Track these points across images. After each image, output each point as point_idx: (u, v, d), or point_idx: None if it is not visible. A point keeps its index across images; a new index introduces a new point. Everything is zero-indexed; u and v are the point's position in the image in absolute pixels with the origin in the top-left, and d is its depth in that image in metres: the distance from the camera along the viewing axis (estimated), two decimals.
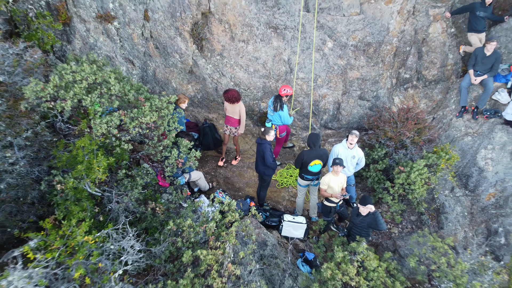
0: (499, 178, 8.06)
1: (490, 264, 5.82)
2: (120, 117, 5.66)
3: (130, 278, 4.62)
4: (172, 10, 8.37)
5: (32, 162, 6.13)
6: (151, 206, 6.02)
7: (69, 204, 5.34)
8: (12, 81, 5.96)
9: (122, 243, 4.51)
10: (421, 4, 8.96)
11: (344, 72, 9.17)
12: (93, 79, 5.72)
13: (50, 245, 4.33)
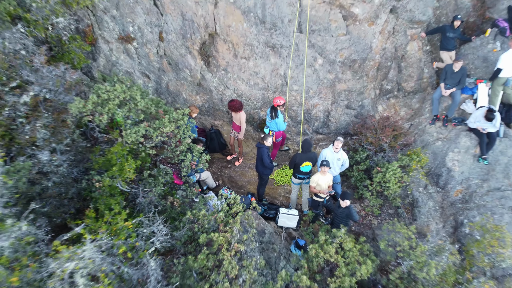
0: (464, 177, 9.26)
1: (446, 247, 7.03)
2: (145, 128, 6.88)
3: (159, 255, 5.84)
4: (183, 32, 9.58)
5: (71, 164, 7.33)
6: (170, 200, 7.24)
7: (105, 199, 6.56)
8: (56, 98, 7.17)
9: (152, 228, 5.73)
10: (400, 26, 10.16)
11: (333, 85, 10.37)
12: (123, 96, 6.94)
13: (97, 229, 5.55)
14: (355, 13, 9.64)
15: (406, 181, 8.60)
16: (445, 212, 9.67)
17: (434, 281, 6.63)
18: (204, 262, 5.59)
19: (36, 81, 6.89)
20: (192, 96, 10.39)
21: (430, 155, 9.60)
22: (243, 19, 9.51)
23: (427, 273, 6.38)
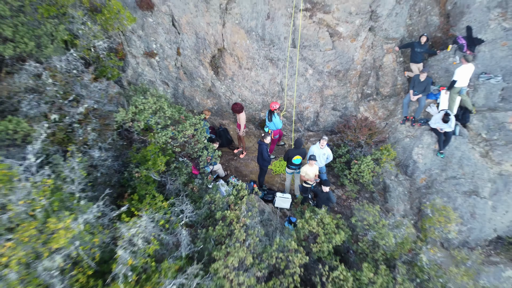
0: (427, 167, 11.15)
1: (404, 222, 8.99)
2: (172, 131, 8.77)
3: (186, 227, 7.78)
4: (196, 48, 11.37)
5: (113, 159, 9.22)
6: (190, 187, 9.18)
7: (142, 186, 8.47)
8: (102, 107, 9.04)
9: (181, 207, 7.67)
10: (377, 41, 11.94)
11: (321, 91, 12.20)
12: (155, 107, 8.81)
13: (142, 208, 7.49)
14: (339, 31, 11.41)
15: (377, 171, 10.50)
16: (412, 196, 11.59)
17: (393, 247, 8.60)
18: (220, 231, 7.54)
19: (86, 95, 8.75)
20: (203, 100, 12.23)
21: (400, 149, 11.48)
22: (246, 37, 11.29)
23: (387, 241, 8.36)
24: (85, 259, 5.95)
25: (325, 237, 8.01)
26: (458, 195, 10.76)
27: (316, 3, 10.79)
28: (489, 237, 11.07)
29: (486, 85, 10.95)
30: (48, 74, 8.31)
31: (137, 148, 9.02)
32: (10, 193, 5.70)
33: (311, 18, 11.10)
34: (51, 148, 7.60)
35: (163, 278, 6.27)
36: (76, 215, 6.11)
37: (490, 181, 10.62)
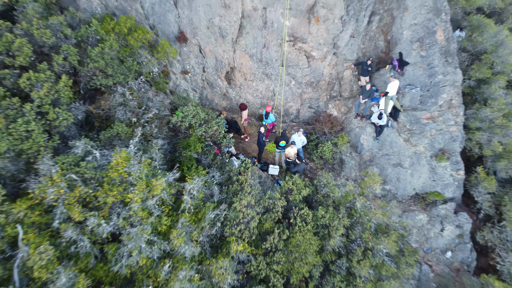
0: (369, 148, 16.16)
1: (347, 183, 14.18)
2: (205, 128, 13.81)
3: (216, 185, 12.97)
4: (216, 67, 16.19)
5: (167, 145, 14.30)
6: (216, 161, 14.33)
7: (187, 161, 13.61)
8: (161, 113, 14.03)
9: (212, 173, 12.82)
10: (339, 61, 16.70)
11: (301, 95, 17.09)
12: (193, 112, 13.80)
13: (191, 174, 12.64)
14: (313, 55, 16.17)
15: (335, 151, 15.67)
16: (361, 166, 16.71)
17: (339, 198, 13.83)
18: (235, 187, 12.71)
19: (152, 105, 13.73)
20: (220, 101, 17.19)
21: (353, 135, 16.50)
22: (249, 60, 16.09)
23: (334, 194, 13.58)
24: (167, 200, 11.16)
25: (297, 191, 13.20)
26: (389, 166, 15.90)
27: (297, 37, 15.51)
28: (410, 194, 16.28)
29: (410, 93, 15.79)
30: (129, 93, 13.28)
31: (183, 138, 14.12)
32: (130, 166, 10.82)
33: (293, 47, 15.85)
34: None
35: (207, 211, 11.51)
36: (161, 178, 11.28)
37: (409, 157, 15.72)
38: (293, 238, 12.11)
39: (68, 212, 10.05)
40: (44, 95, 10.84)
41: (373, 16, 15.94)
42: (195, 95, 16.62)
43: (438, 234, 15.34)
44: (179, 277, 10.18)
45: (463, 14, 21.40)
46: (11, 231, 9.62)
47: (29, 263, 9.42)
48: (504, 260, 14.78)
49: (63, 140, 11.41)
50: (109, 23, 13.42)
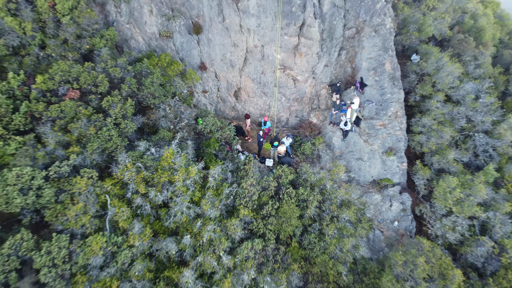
0: (339, 146, 21.40)
1: (320, 171, 19.48)
2: (221, 133, 19.14)
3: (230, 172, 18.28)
4: (227, 87, 21.47)
5: (194, 144, 19.57)
6: (228, 156, 19.67)
7: (208, 156, 18.93)
8: (189, 121, 19.35)
9: (226, 164, 18.13)
10: (317, 83, 21.96)
11: (289, 108, 22.38)
12: (213, 122, 19.10)
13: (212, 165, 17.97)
14: (298, 79, 21.46)
15: (314, 148, 21.01)
16: (333, 160, 21.98)
17: (314, 181, 19.14)
18: (242, 173, 17.96)
19: (184, 116, 19.01)
20: (230, 112, 22.48)
21: (327, 138, 21.76)
22: (251, 82, 21.39)
23: (311, 179, 18.91)
24: (198, 181, 16.49)
25: (285, 176, 18.50)
26: (353, 160, 21.19)
27: (286, 66, 20.81)
28: (368, 180, 21.52)
29: (368, 107, 21.03)
30: (168, 109, 18.60)
31: (206, 139, 19.45)
32: (174, 158, 16.13)
33: (283, 73, 21.15)
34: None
35: (224, 188, 16.80)
36: (194, 166, 16.61)
37: (367, 153, 20.96)
38: (281, 207, 17.39)
39: (136, 187, 15.43)
40: (118, 112, 16.20)
41: (342, 50, 21.24)
42: (212, 107, 21.94)
43: (388, 209, 20.65)
44: (207, 229, 15.52)
45: (418, 42, 26.66)
46: (103, 198, 15.00)
47: (115, 218, 14.79)
48: (433, 226, 20.13)
49: (129, 141, 16.80)
50: (154, 60, 18.79)
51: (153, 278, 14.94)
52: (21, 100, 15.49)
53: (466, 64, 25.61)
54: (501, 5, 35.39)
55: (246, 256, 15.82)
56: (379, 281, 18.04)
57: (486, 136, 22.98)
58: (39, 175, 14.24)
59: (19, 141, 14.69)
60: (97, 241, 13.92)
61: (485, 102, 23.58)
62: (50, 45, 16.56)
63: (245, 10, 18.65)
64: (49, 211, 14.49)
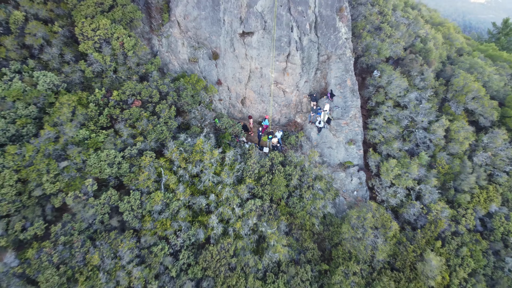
0: (315, 139, 28.74)
1: (302, 156, 27.18)
2: (232, 129, 26.86)
3: (239, 155, 26.03)
4: (236, 97, 28.92)
5: (214, 136, 27.24)
6: (237, 145, 27.41)
7: (225, 145, 26.62)
8: (211, 121, 27.05)
9: (236, 150, 25.81)
10: (300, 94, 29.55)
11: (281, 111, 29.95)
12: (227, 122, 26.81)
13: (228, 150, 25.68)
14: (286, 91, 29.07)
15: (297, 140, 28.66)
16: (311, 148, 29.73)
17: (296, 162, 26.82)
18: (247, 156, 25.42)
19: (207, 117, 26.62)
20: (238, 114, 30.10)
21: (307, 132, 29.35)
22: (253, 93, 29.01)
23: (294, 160, 26.60)
24: (219, 160, 24.20)
25: (276, 158, 26.19)
26: (325, 148, 28.87)
27: (278, 82, 28.46)
28: (336, 162, 29.14)
29: (336, 110, 28.55)
30: (197, 112, 26.27)
31: (222, 133, 27.12)
32: (203, 145, 23.88)
33: (276, 86, 28.82)
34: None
35: (236, 165, 24.41)
36: (216, 150, 24.35)
37: (335, 143, 28.55)
38: (274, 179, 25.00)
39: (179, 164, 23.19)
40: (166, 115, 23.93)
41: (317, 71, 28.89)
42: (225, 111, 29.62)
43: (349, 182, 28.28)
44: (225, 191, 23.22)
45: (379, 61, 34.19)
46: (159, 170, 22.74)
47: (167, 182, 22.54)
48: (380, 193, 27.88)
49: (173, 134, 24.55)
50: (187, 78, 26.51)
51: (191, 221, 22.69)
52: (103, 107, 23.15)
53: (414, 78, 33.21)
54: (452, 29, 43.01)
55: (250, 209, 23.49)
56: (340, 229, 25.72)
57: (424, 131, 30.66)
58: (119, 155, 21.90)
59: (105, 134, 22.37)
60: (157, 196, 21.62)
61: (424, 106, 31.20)
62: (120, 70, 24.24)
63: (249, 44, 26.33)
64: (126, 177, 22.18)
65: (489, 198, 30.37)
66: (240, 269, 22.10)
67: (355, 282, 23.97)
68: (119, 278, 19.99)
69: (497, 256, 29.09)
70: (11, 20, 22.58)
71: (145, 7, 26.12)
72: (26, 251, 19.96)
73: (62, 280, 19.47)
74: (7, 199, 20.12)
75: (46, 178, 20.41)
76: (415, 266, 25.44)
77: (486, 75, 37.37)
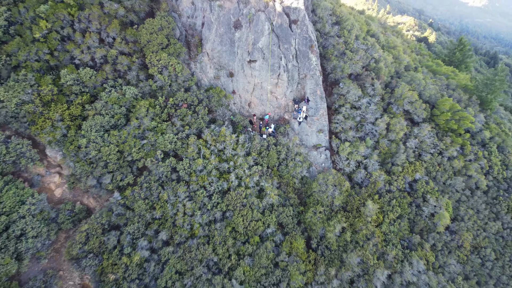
0: (297, 128, 41.21)
1: (290, 144, 40.13)
2: (242, 122, 39.89)
3: (248, 139, 39.10)
4: (245, 101, 41.95)
5: (232, 127, 40.25)
6: (246, 132, 40.42)
7: (238, 132, 39.62)
8: (228, 116, 40.03)
9: (246, 135, 38.86)
10: (287, 99, 42.61)
11: (274, 111, 42.14)
12: (240, 118, 39.84)
13: (240, 135, 38.76)
14: (278, 98, 41.63)
15: (284, 129, 41.60)
16: (294, 135, 42.69)
17: (284, 143, 39.79)
18: (252, 139, 38.69)
19: (226, 115, 39.51)
20: (246, 113, 42.82)
21: (292, 125, 42.14)
22: (256, 99, 41.80)
23: (282, 143, 39.57)
24: (235, 141, 37.23)
25: (271, 141, 39.18)
26: (303, 135, 41.35)
27: (272, 92, 41.22)
28: (311, 145, 41.81)
29: (310, 110, 40.96)
30: (220, 111, 39.17)
31: (236, 125, 40.01)
32: (226, 131, 36.86)
33: (271, 95, 41.61)
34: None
35: (246, 144, 37.54)
36: (233, 135, 37.42)
37: (310, 132, 41.07)
38: (269, 153, 38.03)
39: (211, 142, 36.23)
40: (202, 113, 36.95)
41: (298, 84, 41.73)
42: (237, 111, 42.55)
43: (319, 157, 41.14)
44: (239, 159, 36.24)
45: (344, 76, 47.06)
46: (199, 146, 35.83)
47: (204, 154, 35.69)
48: (339, 164, 40.83)
49: (207, 125, 37.62)
50: (214, 90, 39.53)
51: (218, 177, 35.67)
52: (164, 108, 36.23)
53: (367, 88, 46.17)
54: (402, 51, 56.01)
55: (254, 171, 36.46)
56: (312, 186, 38.72)
57: (371, 125, 43.64)
58: (175, 137, 34.95)
59: (166, 124, 35.50)
60: (199, 161, 34.60)
61: (372, 108, 44.22)
62: (173, 85, 37.31)
63: (253, 68, 39.33)
64: (180, 150, 35.16)
65: (415, 169, 43.17)
66: (249, 206, 34.97)
67: (320, 217, 36.82)
68: (178, 207, 32.96)
69: (418, 208, 42.00)
70: (108, 55, 35.56)
71: (186, 44, 39.15)
72: (124, 191, 32.84)
73: (146, 207, 32.40)
74: (112, 162, 32.93)
75: (134, 150, 33.30)
76: (360, 209, 38.22)
77: (422, 85, 50.24)
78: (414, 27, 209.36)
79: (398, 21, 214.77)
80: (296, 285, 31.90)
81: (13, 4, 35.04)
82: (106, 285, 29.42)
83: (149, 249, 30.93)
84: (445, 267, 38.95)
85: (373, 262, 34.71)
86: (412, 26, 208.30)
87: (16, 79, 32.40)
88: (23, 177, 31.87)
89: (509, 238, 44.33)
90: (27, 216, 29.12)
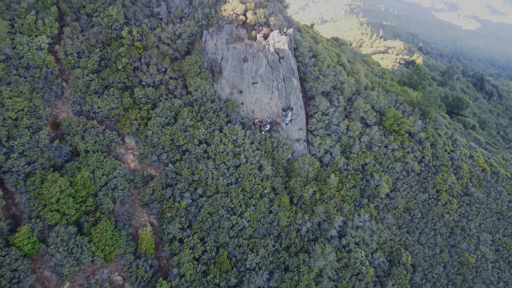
0: (285, 127, 57.95)
1: (280, 133, 56.92)
2: (249, 123, 56.90)
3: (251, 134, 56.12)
4: (250, 110, 59.14)
5: (242, 126, 57.07)
6: (250, 130, 57.34)
7: (246, 129, 56.51)
8: (239, 120, 56.94)
9: (251, 131, 55.78)
10: (278, 108, 59.47)
11: (270, 116, 59.50)
12: (246, 120, 56.77)
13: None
14: (272, 107, 58.67)
15: (277, 128, 58.35)
16: (283, 131, 59.63)
17: (276, 136, 56.60)
18: (255, 133, 55.83)
19: (238, 118, 56.35)
20: (250, 117, 59.88)
21: (281, 125, 58.60)
22: (258, 108, 58.33)
23: (275, 135, 56.41)
24: (245, 133, 54.14)
25: (267, 134, 56.28)
26: (289, 132, 56.99)
27: (268, 103, 58.28)
28: (294, 139, 58.60)
29: (294, 115, 58.16)
30: (234, 115, 56.13)
31: (244, 124, 56.80)
32: (238, 129, 53.72)
33: (267, 105, 58.35)
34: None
35: (252, 136, 54.49)
36: (242, 130, 54.27)
37: (293, 130, 57.69)
38: (266, 143, 54.75)
39: (228, 135, 53.21)
40: (222, 117, 53.96)
41: (285, 98, 58.53)
42: (244, 115, 59.52)
43: (299, 147, 57.42)
44: (246, 146, 53.05)
45: (318, 93, 64.10)
46: (221, 136, 52.84)
47: (224, 141, 52.66)
48: (312, 151, 57.60)
49: (226, 123, 54.61)
50: (230, 102, 56.59)
51: (233, 156, 52.43)
52: (198, 112, 53.23)
53: (333, 101, 63.22)
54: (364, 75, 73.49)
55: (257, 154, 53.19)
56: (294, 164, 55.43)
57: (336, 126, 60.55)
58: (206, 131, 51.78)
59: (199, 123, 52.41)
60: (221, 146, 51.46)
61: (337, 115, 61.20)
62: (204, 98, 54.56)
63: (256, 87, 56.22)
64: (209, 139, 51.81)
65: (366, 156, 59.86)
66: (253, 175, 51.57)
67: (299, 184, 53.31)
68: (208, 174, 49.73)
69: (367, 181, 58.52)
70: (163, 79, 52.89)
71: (211, 71, 56.53)
72: (175, 164, 49.60)
73: (189, 173, 49.11)
74: (167, 146, 49.74)
75: (180, 138, 50.22)
76: (326, 180, 54.58)
77: (375, 100, 67.41)
78: (404, 51, 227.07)
79: (388, 45, 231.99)
80: (282, 224, 48.18)
81: (103, 47, 52.54)
82: (165, 220, 45.76)
83: (191, 198, 47.41)
84: (384, 220, 55.19)
85: (333, 212, 51.04)
86: (401, 50, 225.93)
87: (108, 93, 49.52)
88: (112, 154, 48.64)
89: (433, 204, 60.61)
90: (118, 177, 45.75)
